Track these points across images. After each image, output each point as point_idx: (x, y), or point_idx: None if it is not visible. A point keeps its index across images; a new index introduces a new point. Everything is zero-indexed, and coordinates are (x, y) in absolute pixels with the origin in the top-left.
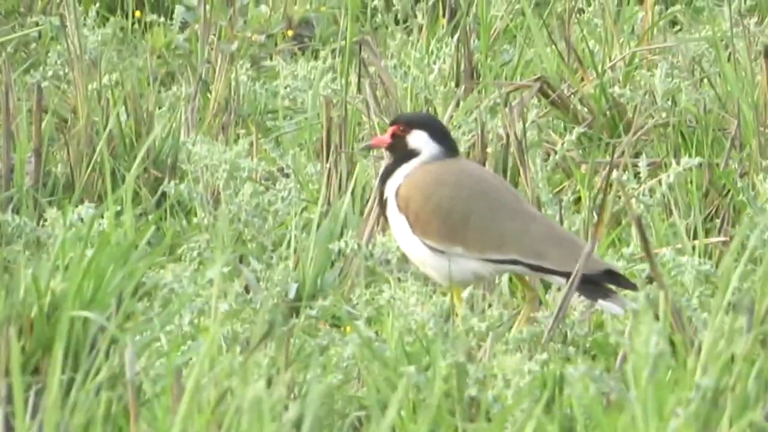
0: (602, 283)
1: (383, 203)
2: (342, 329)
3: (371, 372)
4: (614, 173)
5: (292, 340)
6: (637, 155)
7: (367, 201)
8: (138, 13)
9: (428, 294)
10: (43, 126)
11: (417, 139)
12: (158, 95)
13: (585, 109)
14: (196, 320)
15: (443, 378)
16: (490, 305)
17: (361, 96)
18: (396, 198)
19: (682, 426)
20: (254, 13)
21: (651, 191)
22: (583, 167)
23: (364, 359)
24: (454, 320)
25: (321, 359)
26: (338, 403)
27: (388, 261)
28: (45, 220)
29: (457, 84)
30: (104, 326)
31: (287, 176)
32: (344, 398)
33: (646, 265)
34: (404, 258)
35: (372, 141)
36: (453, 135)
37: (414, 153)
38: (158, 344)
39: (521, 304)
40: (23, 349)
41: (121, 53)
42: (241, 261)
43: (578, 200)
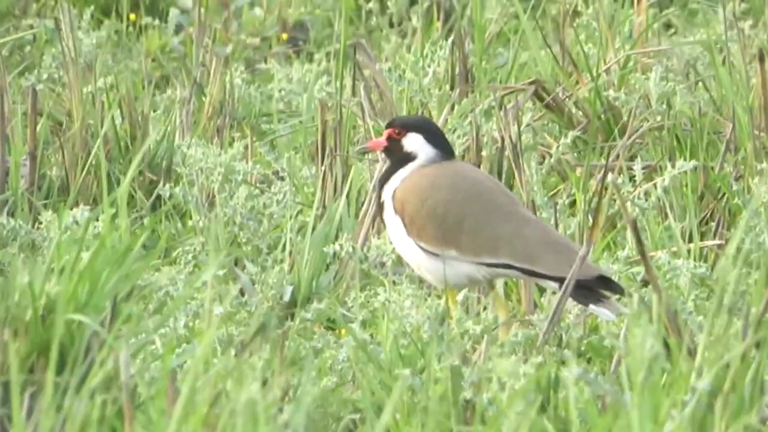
0: (596, 289)
1: (380, 206)
2: (337, 332)
3: (366, 375)
4: (609, 176)
5: (287, 343)
6: (632, 158)
7: (362, 204)
8: (133, 16)
9: (423, 297)
10: (38, 129)
11: (412, 142)
12: (153, 98)
13: (580, 113)
14: (191, 323)
15: (438, 381)
16: (485, 308)
17: (356, 99)
18: (392, 201)
19: (677, 429)
20: (249, 16)
21: (646, 194)
22: (578, 170)
23: (359, 362)
24: (449, 323)
25: (316, 362)
26: (333, 406)
27: (383, 264)
28: (40, 223)
29: (452, 87)
30: (99, 329)
31: (282, 179)
32: (339, 401)
33: (642, 269)
34: (399, 261)
35: (368, 144)
36: (448, 138)
37: (410, 156)
38: (153, 347)
39: (516, 307)
40: (18, 352)
41: (116, 56)
42: (236, 264)
43: (573, 203)
